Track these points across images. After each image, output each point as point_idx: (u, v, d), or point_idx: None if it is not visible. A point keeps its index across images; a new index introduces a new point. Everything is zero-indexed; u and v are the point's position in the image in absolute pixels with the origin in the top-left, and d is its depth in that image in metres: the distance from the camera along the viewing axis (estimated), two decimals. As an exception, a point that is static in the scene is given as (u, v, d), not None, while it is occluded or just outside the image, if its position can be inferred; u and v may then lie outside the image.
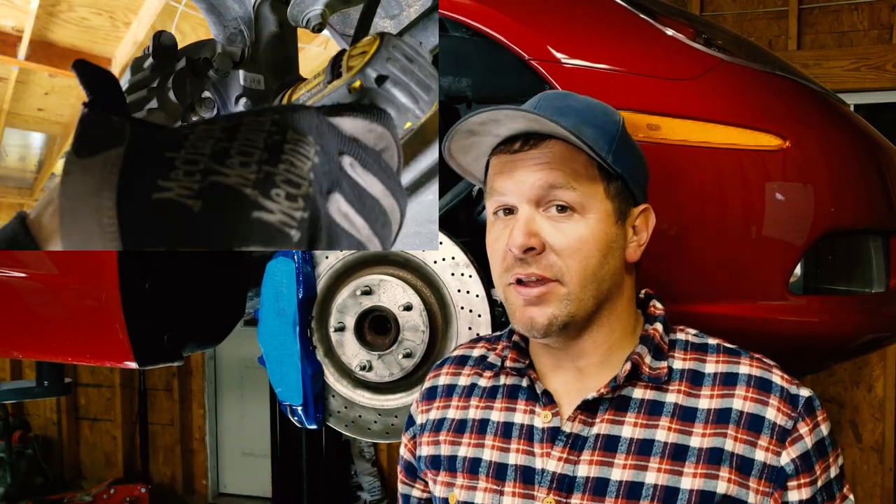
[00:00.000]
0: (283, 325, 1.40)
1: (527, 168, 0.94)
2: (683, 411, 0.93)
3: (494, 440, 1.00)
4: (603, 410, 0.95)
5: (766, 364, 0.97)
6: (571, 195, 0.93)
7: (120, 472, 5.01)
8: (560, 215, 0.93)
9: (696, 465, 0.90)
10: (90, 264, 1.47)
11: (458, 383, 1.08)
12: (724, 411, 0.93)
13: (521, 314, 0.95)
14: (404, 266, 1.38)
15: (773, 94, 1.42)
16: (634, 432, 0.93)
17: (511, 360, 1.03)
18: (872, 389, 3.78)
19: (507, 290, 0.96)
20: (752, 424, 0.91)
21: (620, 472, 0.91)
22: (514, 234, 0.93)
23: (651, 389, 0.96)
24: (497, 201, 0.97)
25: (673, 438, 0.92)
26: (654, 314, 1.02)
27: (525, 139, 0.96)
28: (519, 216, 0.94)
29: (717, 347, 1.00)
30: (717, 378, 0.96)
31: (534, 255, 0.92)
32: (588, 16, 1.44)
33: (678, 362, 0.98)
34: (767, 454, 0.90)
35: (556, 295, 0.93)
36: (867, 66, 3.65)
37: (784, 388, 0.94)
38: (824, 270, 1.49)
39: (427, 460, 1.06)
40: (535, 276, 0.93)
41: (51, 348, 1.64)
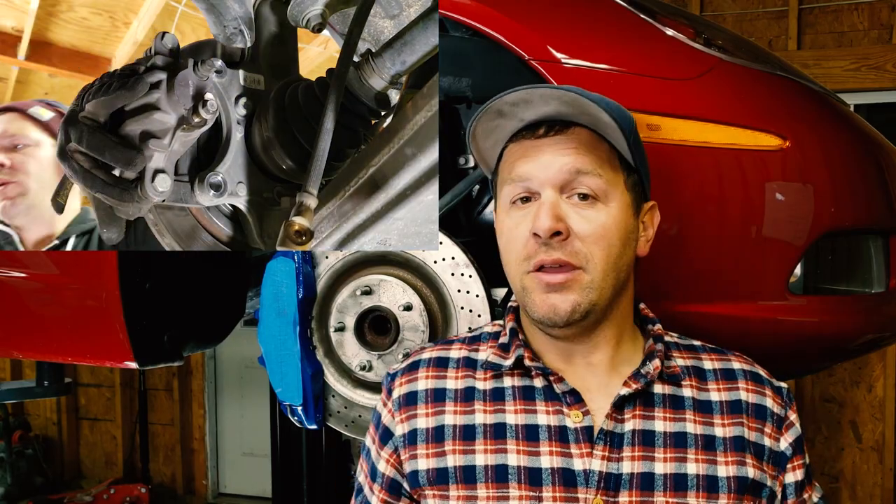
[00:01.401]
0: (283, 325, 1.40)
1: (553, 153, 0.93)
2: (700, 404, 0.97)
3: (518, 444, 0.95)
4: (631, 407, 0.95)
5: (749, 360, 1.03)
6: (597, 182, 0.93)
7: (120, 472, 5.01)
8: (583, 203, 0.93)
9: (726, 453, 0.94)
10: (90, 264, 1.47)
11: (447, 386, 1.01)
12: (735, 403, 0.97)
13: (542, 301, 0.93)
14: (404, 266, 1.38)
15: (773, 94, 1.42)
16: (666, 426, 0.95)
17: (529, 360, 0.99)
18: (872, 389, 3.78)
19: (526, 279, 0.94)
20: (758, 413, 0.97)
21: (663, 465, 0.92)
22: (540, 218, 0.91)
23: (669, 385, 0.98)
24: (518, 187, 0.95)
25: (700, 430, 0.95)
26: (649, 315, 1.04)
27: (549, 125, 0.95)
28: (543, 201, 0.93)
29: (704, 347, 1.04)
30: (717, 374, 1.00)
31: (559, 241, 0.91)
32: (588, 16, 1.44)
33: (679, 360, 1.00)
34: (771, 440, 0.96)
35: (580, 282, 0.92)
36: (867, 66, 3.65)
37: (770, 380, 1.01)
38: (824, 270, 1.49)
39: (429, 475, 0.97)
40: (560, 262, 0.91)
41: (51, 348, 1.64)
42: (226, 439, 5.00)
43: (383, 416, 1.05)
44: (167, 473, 5.01)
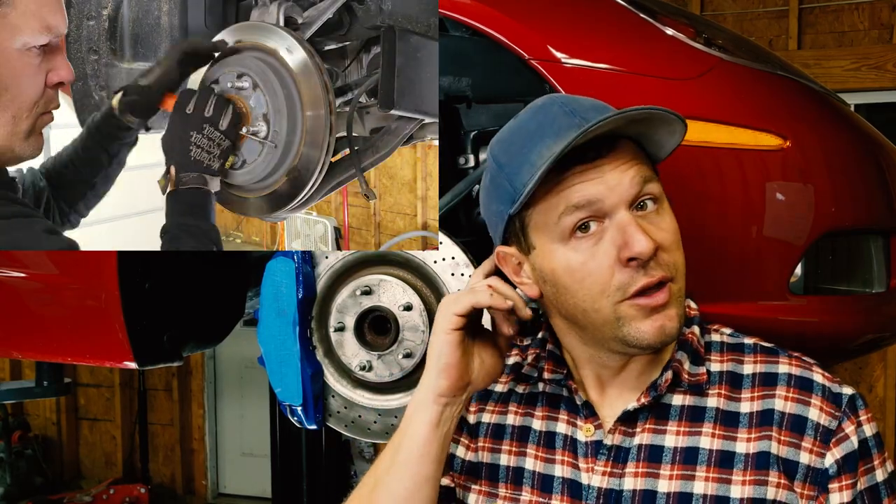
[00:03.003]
0: (282, 325, 1.40)
1: (617, 170, 0.87)
2: (725, 416, 0.90)
3: (538, 450, 0.96)
4: (643, 420, 0.92)
5: (805, 362, 0.93)
6: (658, 187, 0.90)
7: (119, 472, 5.00)
8: (647, 212, 0.88)
9: (745, 471, 0.87)
10: (90, 264, 1.47)
11: (496, 389, 1.03)
12: (766, 413, 0.89)
13: (649, 327, 0.87)
14: (404, 266, 1.38)
15: (773, 93, 1.42)
16: (678, 441, 0.90)
17: (549, 372, 0.98)
18: (873, 389, 3.78)
19: (622, 308, 0.87)
20: (795, 425, 0.88)
21: (667, 483, 0.88)
22: (635, 239, 0.84)
23: (691, 395, 0.92)
24: (584, 212, 0.87)
25: (718, 445, 0.89)
26: (690, 315, 0.98)
27: (597, 146, 0.88)
28: (621, 222, 0.86)
29: (754, 347, 0.96)
30: (756, 379, 0.93)
31: (654, 259, 0.86)
32: (588, 15, 1.44)
33: (715, 365, 0.95)
34: (812, 456, 0.87)
35: (675, 294, 0.88)
36: (867, 65, 3.65)
37: (826, 386, 0.90)
38: (825, 270, 1.49)
39: (463, 465, 1.01)
40: (661, 279, 0.86)
41: (50, 348, 1.64)
42: (225, 439, 5.00)
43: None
44: (167, 473, 5.00)
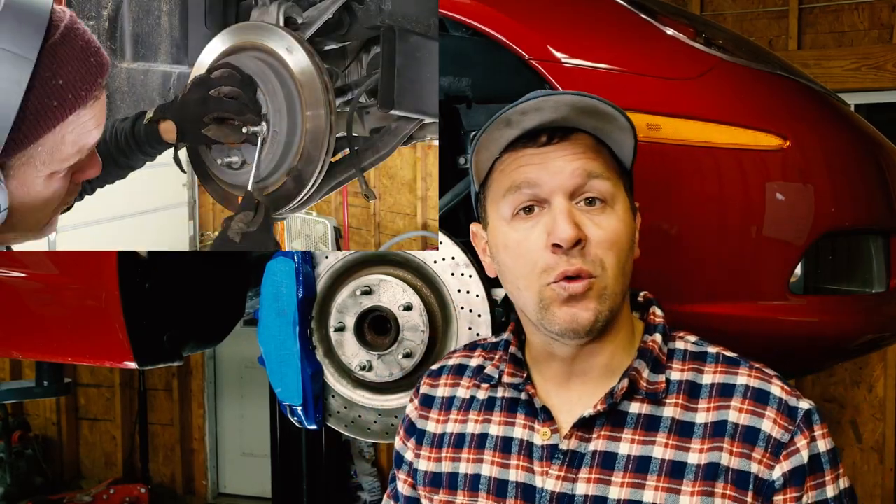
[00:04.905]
0: (282, 325, 1.40)
1: (562, 158, 0.91)
2: (680, 426, 0.91)
3: (494, 455, 0.97)
4: (600, 426, 0.93)
5: (765, 374, 0.93)
6: (606, 186, 0.91)
7: (119, 472, 5.00)
8: (592, 208, 0.91)
9: (694, 482, 0.87)
10: (90, 264, 1.47)
11: (457, 395, 1.05)
12: (720, 424, 0.90)
13: (562, 313, 0.90)
14: (404, 266, 1.38)
15: (773, 93, 1.42)
16: (632, 449, 0.90)
17: (508, 375, 0.99)
18: (873, 389, 3.78)
19: (546, 291, 0.90)
20: (747, 437, 0.88)
21: (618, 490, 0.89)
22: (560, 227, 0.88)
23: (648, 404, 0.93)
24: (524, 194, 0.92)
25: (670, 455, 0.89)
26: (654, 322, 0.99)
27: (551, 132, 0.92)
28: (555, 209, 0.89)
29: (717, 357, 0.96)
30: (713, 389, 0.93)
31: (579, 250, 0.88)
32: (588, 15, 1.44)
33: (676, 374, 0.95)
34: (761, 467, 0.87)
35: (597, 290, 0.89)
36: (867, 65, 3.65)
37: (783, 399, 0.90)
38: (824, 270, 1.49)
39: (425, 477, 1.03)
40: (581, 271, 0.88)
41: (50, 348, 1.64)
42: (225, 439, 5.00)
43: (408, 410, 1.11)
44: (167, 473, 5.00)
